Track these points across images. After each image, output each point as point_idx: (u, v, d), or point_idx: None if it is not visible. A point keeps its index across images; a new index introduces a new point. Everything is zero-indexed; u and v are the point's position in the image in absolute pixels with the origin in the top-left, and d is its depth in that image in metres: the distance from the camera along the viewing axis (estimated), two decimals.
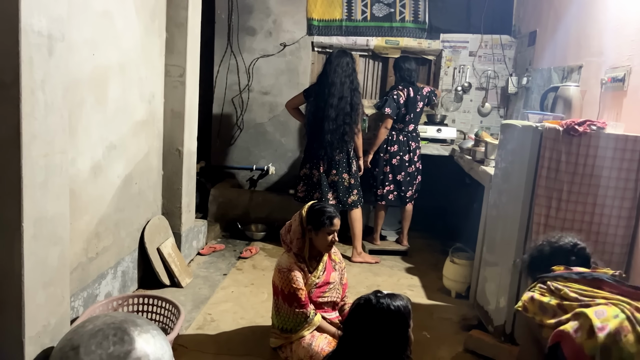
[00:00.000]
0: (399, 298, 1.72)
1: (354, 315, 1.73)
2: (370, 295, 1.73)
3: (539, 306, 1.47)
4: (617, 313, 1.31)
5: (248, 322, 3.02)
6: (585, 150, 2.54)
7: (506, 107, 4.96)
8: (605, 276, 1.43)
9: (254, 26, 5.00)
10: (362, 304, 1.71)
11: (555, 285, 1.46)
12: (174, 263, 3.39)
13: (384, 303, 1.67)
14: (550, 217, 2.59)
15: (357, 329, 1.70)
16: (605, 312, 1.32)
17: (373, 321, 1.66)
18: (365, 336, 1.66)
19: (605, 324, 1.30)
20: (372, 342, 1.65)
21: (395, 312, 1.66)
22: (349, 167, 4.04)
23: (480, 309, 3.09)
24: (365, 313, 1.68)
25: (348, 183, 4.04)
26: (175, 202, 3.66)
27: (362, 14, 4.91)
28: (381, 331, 1.65)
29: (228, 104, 5.12)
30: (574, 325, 1.36)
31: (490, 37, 4.88)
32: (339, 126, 3.89)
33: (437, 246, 4.52)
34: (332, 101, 3.85)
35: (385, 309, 1.66)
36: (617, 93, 2.86)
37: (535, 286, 1.52)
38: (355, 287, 3.56)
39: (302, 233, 2.60)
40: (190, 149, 3.73)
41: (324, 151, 3.96)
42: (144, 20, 3.07)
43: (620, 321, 1.29)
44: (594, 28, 3.29)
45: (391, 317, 1.65)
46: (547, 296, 1.45)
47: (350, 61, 3.93)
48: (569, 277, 1.47)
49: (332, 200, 4.02)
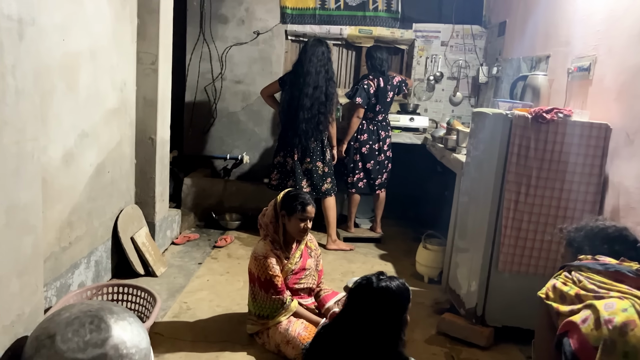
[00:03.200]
0: (399, 281, 1.77)
1: (354, 294, 1.78)
2: (372, 275, 1.77)
3: (560, 295, 1.47)
4: (626, 307, 1.31)
5: (224, 309, 3.03)
6: (553, 137, 2.62)
7: (477, 96, 5.05)
8: (627, 269, 1.42)
9: (227, 14, 4.95)
10: (364, 283, 1.75)
11: (577, 275, 1.45)
12: (148, 252, 3.37)
13: (384, 284, 1.72)
14: (519, 202, 2.67)
15: (357, 307, 1.75)
16: (614, 305, 1.32)
17: (372, 300, 1.71)
18: (364, 314, 1.71)
19: (612, 316, 1.30)
20: (370, 321, 1.70)
21: (394, 293, 1.71)
22: (323, 156, 4.07)
23: (452, 293, 3.16)
24: (366, 292, 1.73)
25: (322, 171, 4.07)
26: (149, 191, 3.62)
27: (335, 3, 4.91)
28: (379, 311, 1.70)
29: (201, 92, 5.07)
30: (582, 315, 1.36)
31: (461, 27, 4.95)
32: (314, 115, 3.91)
33: (410, 233, 4.59)
34: (307, 90, 3.86)
35: (385, 289, 1.71)
36: (583, 82, 2.95)
37: (561, 274, 1.52)
38: (330, 274, 3.61)
39: (275, 217, 2.63)
40: (163, 137, 3.69)
41: (299, 139, 3.97)
42: (114, 6, 3.02)
43: (628, 315, 1.29)
44: (561, 18, 3.38)
45: (389, 298, 1.70)
46: (568, 285, 1.46)
47: (326, 50, 3.94)
48: (592, 268, 1.45)
49: (306, 188, 4.04)
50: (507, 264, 2.74)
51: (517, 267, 2.74)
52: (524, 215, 2.69)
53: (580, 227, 1.63)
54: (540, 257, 2.72)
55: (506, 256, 2.73)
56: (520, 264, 2.74)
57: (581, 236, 1.58)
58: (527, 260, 2.73)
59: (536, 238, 2.70)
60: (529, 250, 2.71)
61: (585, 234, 1.57)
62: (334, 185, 4.17)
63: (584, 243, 1.55)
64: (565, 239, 1.64)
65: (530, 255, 2.71)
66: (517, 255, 2.74)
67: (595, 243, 1.52)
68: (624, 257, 1.47)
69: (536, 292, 2.71)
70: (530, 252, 2.71)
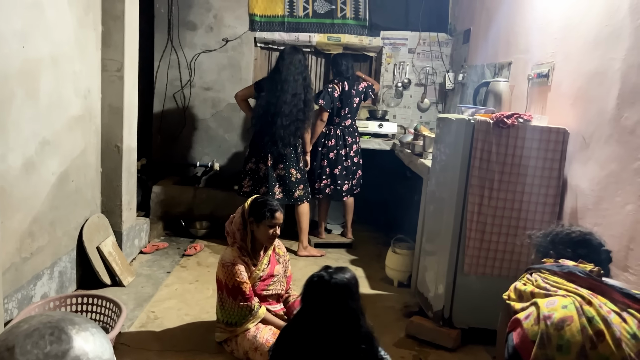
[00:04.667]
0: (347, 271, 1.79)
1: (308, 293, 1.79)
2: (321, 272, 1.79)
3: (519, 294, 1.53)
4: (567, 304, 1.36)
5: (193, 318, 3.00)
6: (514, 142, 2.69)
7: (444, 102, 5.14)
8: (580, 270, 1.48)
9: (195, 21, 4.93)
10: (316, 281, 1.77)
11: (535, 276, 1.52)
12: (115, 262, 3.32)
13: (337, 277, 1.73)
14: (483, 205, 2.73)
15: (314, 305, 1.75)
16: (555, 302, 1.38)
17: (328, 296, 1.72)
18: (322, 311, 1.72)
19: (551, 312, 1.36)
20: (329, 316, 1.71)
21: (347, 285, 1.73)
22: (297, 162, 4.08)
23: (421, 296, 3.20)
24: (320, 289, 1.74)
25: (295, 178, 4.08)
26: (115, 200, 3.57)
27: (304, 10, 4.95)
28: (337, 304, 1.71)
29: (169, 99, 5.03)
30: (526, 312, 1.42)
31: (428, 35, 5.04)
32: (292, 122, 3.92)
33: (381, 238, 4.63)
34: (286, 97, 3.87)
35: (339, 283, 1.72)
36: (542, 88, 3.04)
37: (523, 276, 1.58)
38: (301, 279, 3.55)
39: (243, 225, 2.62)
40: (130, 145, 3.65)
41: (275, 145, 3.97)
42: (77, 12, 2.98)
43: (566, 312, 1.34)
44: (521, 27, 3.47)
45: (344, 290, 1.72)
46: (527, 285, 1.52)
47: (302, 58, 3.98)
48: (550, 269, 1.52)
49: (279, 195, 4.05)
50: (472, 266, 2.79)
51: (482, 270, 2.79)
52: (488, 218, 2.75)
53: (546, 233, 1.70)
54: (504, 259, 2.78)
55: (471, 259, 2.78)
56: (485, 266, 2.79)
57: (547, 241, 1.65)
58: (491, 262, 2.79)
59: (499, 240, 2.76)
60: (493, 252, 2.77)
61: (551, 239, 1.64)
62: (307, 191, 4.18)
63: (549, 248, 1.61)
64: (533, 244, 1.70)
65: (495, 257, 2.77)
66: (481, 257, 2.79)
67: (560, 247, 1.59)
68: (586, 260, 1.53)
69: (501, 293, 2.76)
70: (495, 255, 2.77)
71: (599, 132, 2.46)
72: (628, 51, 2.27)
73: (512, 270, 2.77)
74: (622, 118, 2.28)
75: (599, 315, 1.30)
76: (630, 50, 2.25)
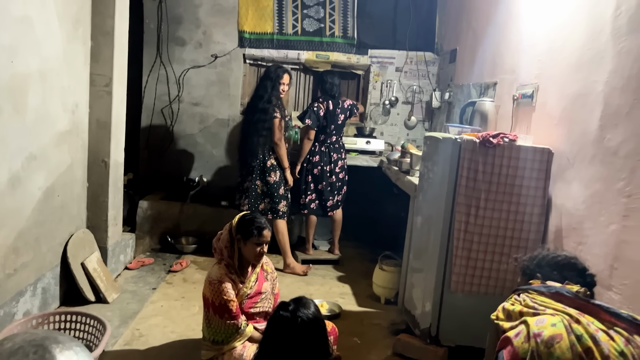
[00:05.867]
0: (309, 305, 1.77)
1: (272, 335, 1.76)
2: (282, 312, 1.77)
3: (507, 314, 1.56)
4: (555, 322, 1.39)
5: (178, 335, 2.97)
6: (500, 161, 2.73)
7: (431, 120, 5.20)
8: (566, 290, 1.52)
9: (184, 37, 4.95)
10: (278, 323, 1.74)
11: (523, 296, 1.55)
12: (99, 278, 3.28)
13: (302, 316, 1.71)
14: (469, 223, 2.75)
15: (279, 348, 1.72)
16: (544, 320, 1.41)
17: (297, 336, 1.70)
18: (290, 352, 1.69)
19: (541, 330, 1.39)
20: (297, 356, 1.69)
21: (314, 320, 1.72)
22: (263, 176, 4.10)
23: (408, 314, 3.20)
24: (286, 330, 1.72)
25: (261, 190, 4.12)
26: (101, 215, 3.54)
27: (293, 28, 5.00)
28: (305, 342, 1.69)
29: (157, 114, 5.03)
30: (516, 330, 1.45)
31: (415, 54, 5.11)
32: (255, 133, 4.05)
33: (368, 254, 4.63)
34: (249, 114, 4.12)
35: (306, 320, 1.70)
36: (527, 108, 3.10)
37: (511, 297, 1.60)
38: (288, 297, 3.52)
39: (230, 242, 2.61)
40: (117, 160, 3.63)
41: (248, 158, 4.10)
42: (66, 28, 2.98)
43: (555, 330, 1.37)
44: (507, 48, 3.55)
45: (312, 327, 1.71)
46: (515, 305, 1.54)
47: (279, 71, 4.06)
48: (537, 290, 1.55)
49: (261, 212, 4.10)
50: (459, 284, 2.80)
51: (469, 287, 2.81)
52: (474, 237, 2.77)
53: (533, 257, 1.74)
54: (491, 277, 2.80)
55: (458, 276, 2.80)
56: (471, 284, 2.81)
57: (534, 264, 1.68)
58: (477, 280, 2.80)
59: (486, 258, 2.78)
60: (479, 270, 2.79)
61: (537, 263, 1.68)
62: (287, 208, 4.20)
63: (536, 271, 1.64)
64: (520, 267, 1.73)
65: (481, 275, 2.79)
66: (468, 275, 2.81)
67: (546, 270, 1.62)
68: (572, 282, 1.57)
69: (487, 311, 2.77)
70: (481, 272, 2.79)
71: (583, 152, 2.50)
72: (610, 74, 2.33)
73: (498, 288, 2.79)
74: (605, 139, 2.33)
75: (587, 333, 1.33)
76: (613, 73, 2.30)
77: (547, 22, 2.98)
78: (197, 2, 4.90)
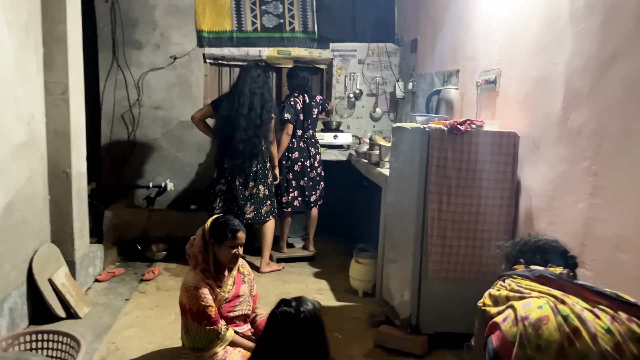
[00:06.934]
0: (310, 302, 1.75)
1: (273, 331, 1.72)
2: (285, 307, 1.72)
3: (494, 300, 1.58)
4: (542, 304, 1.41)
5: (156, 346, 2.90)
6: (468, 147, 2.76)
7: (395, 111, 5.23)
8: (550, 273, 1.54)
9: (141, 39, 4.83)
10: (281, 318, 1.70)
11: (508, 281, 1.56)
12: (69, 293, 3.16)
13: (305, 312, 1.69)
14: (442, 211, 2.78)
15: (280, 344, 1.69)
16: (531, 303, 1.43)
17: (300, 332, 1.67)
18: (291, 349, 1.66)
19: (528, 313, 1.40)
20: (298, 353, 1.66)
21: (316, 317, 1.69)
22: (265, 178, 4.04)
23: (387, 305, 3.22)
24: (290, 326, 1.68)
25: (263, 194, 4.05)
26: (66, 228, 3.42)
27: (252, 25, 4.93)
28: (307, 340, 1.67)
29: (118, 120, 4.89)
30: (504, 315, 1.46)
31: (376, 46, 5.13)
32: (250, 137, 3.89)
33: (342, 248, 4.64)
34: (243, 110, 3.86)
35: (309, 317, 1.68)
36: (491, 94, 3.14)
37: (496, 284, 1.61)
38: (265, 297, 3.55)
39: (204, 246, 2.55)
40: (79, 170, 3.51)
41: (239, 162, 3.93)
42: (17, 35, 2.85)
43: (542, 312, 1.39)
44: (466, 36, 3.58)
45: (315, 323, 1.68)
46: (501, 290, 1.56)
47: (262, 74, 3.98)
48: (522, 274, 1.57)
49: (250, 214, 4.00)
50: (435, 271, 2.83)
51: (445, 274, 2.84)
52: (448, 224, 2.80)
53: (515, 243, 1.77)
54: (466, 262, 2.84)
55: (434, 264, 2.82)
56: (447, 271, 2.84)
57: (516, 250, 1.70)
58: (453, 266, 2.83)
59: (460, 244, 2.82)
60: (454, 256, 2.82)
61: (520, 249, 1.70)
62: (274, 207, 4.15)
63: (519, 256, 1.67)
64: (502, 254, 1.76)
65: (457, 261, 2.82)
66: (444, 262, 2.84)
67: (529, 255, 1.65)
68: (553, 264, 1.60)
69: (465, 296, 2.82)
70: (457, 258, 2.82)
71: (547, 134, 2.56)
72: (570, 56, 2.38)
73: (473, 273, 2.83)
74: (569, 120, 2.38)
75: (573, 313, 1.35)
76: (573, 55, 2.35)
77: (505, 7, 3.03)
78: (152, 3, 4.78)
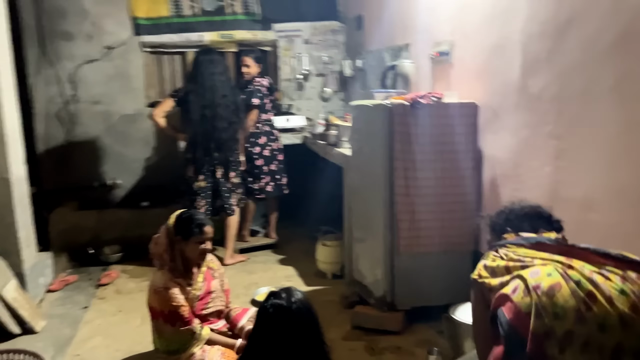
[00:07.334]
0: (299, 293, 1.69)
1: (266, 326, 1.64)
2: (276, 300, 1.65)
3: (491, 271, 1.54)
4: (550, 272, 1.38)
5: (125, 353, 2.75)
6: (430, 120, 2.76)
7: (345, 90, 5.18)
8: (546, 239, 1.52)
9: (70, 30, 4.50)
10: (272, 312, 1.63)
11: (503, 251, 1.53)
12: (22, 307, 2.94)
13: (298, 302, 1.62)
14: (410, 186, 2.77)
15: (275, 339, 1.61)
16: (539, 272, 1.39)
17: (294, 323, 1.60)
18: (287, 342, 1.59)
19: (539, 282, 1.37)
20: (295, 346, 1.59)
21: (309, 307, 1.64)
22: (237, 166, 3.97)
23: (359, 285, 3.20)
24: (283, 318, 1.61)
25: (237, 183, 3.99)
26: (10, 238, 3.16)
27: (191, 9, 4.71)
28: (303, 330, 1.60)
29: (52, 119, 4.56)
30: (512, 286, 1.43)
31: (321, 24, 5.03)
32: (230, 124, 3.78)
33: (305, 232, 4.56)
34: (216, 99, 3.73)
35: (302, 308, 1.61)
36: (446, 65, 3.15)
37: (489, 255, 1.57)
38: (234, 289, 3.41)
39: (170, 245, 2.42)
40: (18, 175, 3.25)
41: (222, 154, 3.81)
42: None
43: (552, 279, 1.36)
44: (415, 9, 3.55)
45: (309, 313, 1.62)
46: (497, 261, 1.52)
47: (219, 57, 3.88)
48: (515, 243, 1.54)
49: (236, 205, 3.94)
50: (406, 247, 2.83)
51: (416, 248, 2.84)
52: (415, 198, 2.80)
53: (500, 212, 1.75)
54: (435, 235, 2.85)
55: (405, 240, 2.82)
56: (418, 245, 2.84)
57: (502, 219, 1.68)
58: (424, 240, 2.84)
59: (429, 218, 2.83)
60: (424, 230, 2.83)
61: (506, 217, 1.68)
62: (244, 195, 4.08)
63: (505, 225, 1.65)
64: (488, 225, 1.74)
65: (427, 235, 2.83)
66: (413, 237, 2.84)
67: (516, 222, 1.63)
68: (542, 229, 1.58)
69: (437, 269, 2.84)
70: (427, 232, 2.83)
71: (507, 102, 2.59)
72: (525, 22, 2.40)
73: (443, 245, 2.86)
74: (528, 86, 2.41)
75: (584, 277, 1.34)
76: (528, 20, 2.37)
77: None
78: None
